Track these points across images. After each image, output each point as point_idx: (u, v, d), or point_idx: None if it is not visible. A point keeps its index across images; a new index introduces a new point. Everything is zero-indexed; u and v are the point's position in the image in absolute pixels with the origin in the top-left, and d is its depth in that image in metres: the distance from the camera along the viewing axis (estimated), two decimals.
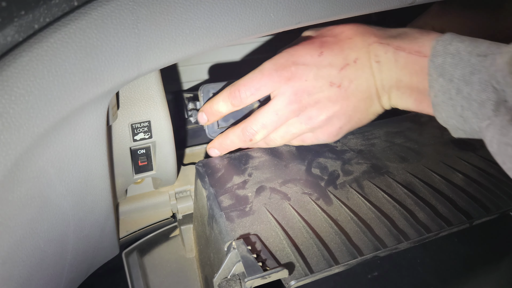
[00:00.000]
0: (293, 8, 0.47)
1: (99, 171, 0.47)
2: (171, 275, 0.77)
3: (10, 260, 0.38)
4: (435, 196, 0.62)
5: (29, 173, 0.38)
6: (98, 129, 0.43)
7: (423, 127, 0.78)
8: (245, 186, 0.63)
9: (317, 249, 0.53)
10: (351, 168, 0.67)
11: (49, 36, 0.34)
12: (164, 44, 0.40)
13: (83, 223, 0.50)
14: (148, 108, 0.57)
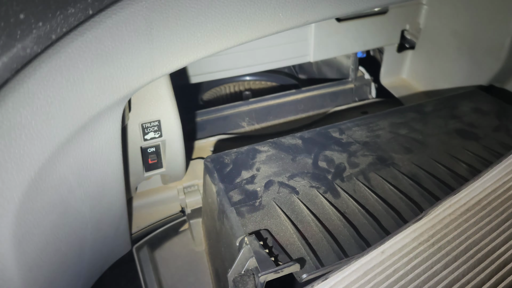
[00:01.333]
0: (301, 7, 0.47)
1: (115, 174, 0.48)
2: (181, 268, 0.79)
3: (35, 266, 0.39)
4: (440, 187, 0.63)
5: (51, 181, 0.39)
6: (114, 134, 0.45)
7: (427, 117, 0.79)
8: (253, 181, 0.64)
9: (327, 242, 0.55)
10: (357, 161, 0.68)
11: (66, 46, 0.35)
12: (176, 48, 0.41)
13: (99, 224, 0.51)
14: (158, 108, 0.58)
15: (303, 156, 0.70)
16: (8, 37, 0.32)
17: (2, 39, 0.32)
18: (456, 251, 0.48)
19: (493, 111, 0.80)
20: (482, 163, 0.67)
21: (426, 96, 1.08)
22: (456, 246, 0.49)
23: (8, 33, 0.32)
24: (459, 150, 0.70)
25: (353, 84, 1.11)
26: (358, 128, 0.76)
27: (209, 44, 0.43)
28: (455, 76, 0.98)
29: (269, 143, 0.73)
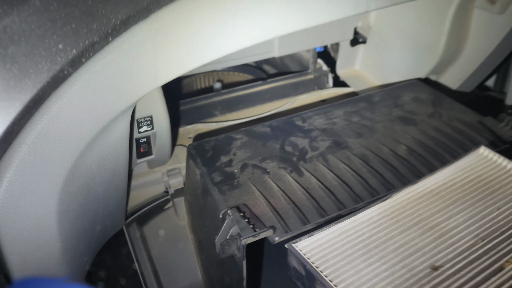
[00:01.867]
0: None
1: (123, 161, 0.59)
2: (167, 240, 0.90)
3: (69, 235, 0.50)
4: (384, 165, 0.76)
5: (81, 170, 0.50)
6: (124, 131, 0.55)
7: (375, 107, 0.92)
8: (231, 164, 0.76)
9: (293, 212, 0.67)
10: (317, 145, 0.81)
11: (92, 67, 0.45)
12: (175, 63, 0.52)
13: (108, 203, 0.62)
14: (150, 105, 0.69)
15: (272, 142, 0.82)
16: (51, 63, 0.42)
17: (47, 65, 0.42)
18: (410, 223, 0.64)
19: (429, 100, 0.95)
20: (418, 144, 0.81)
21: (376, 85, 1.22)
22: (410, 220, 0.64)
23: (51, 60, 0.42)
24: (400, 134, 0.84)
25: (313, 75, 1.24)
26: (317, 116, 0.89)
27: (200, 59, 0.54)
28: (399, 68, 1.13)
29: (242, 131, 0.85)
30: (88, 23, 0.44)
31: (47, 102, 0.44)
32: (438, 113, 0.90)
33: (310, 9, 0.60)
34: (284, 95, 1.20)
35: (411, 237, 0.62)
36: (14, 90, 0.42)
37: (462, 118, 0.88)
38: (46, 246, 0.50)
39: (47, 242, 0.50)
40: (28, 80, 0.42)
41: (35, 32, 0.42)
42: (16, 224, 0.47)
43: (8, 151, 0.44)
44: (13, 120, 0.42)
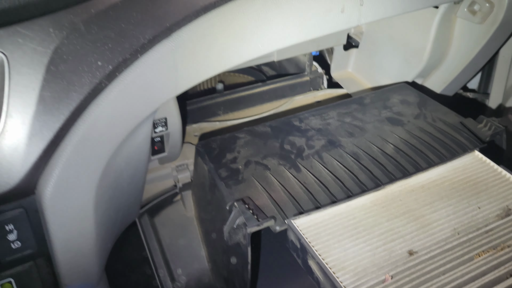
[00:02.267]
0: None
1: (144, 159, 0.68)
2: (176, 229, 0.98)
3: (101, 222, 0.59)
4: (372, 161, 0.85)
5: (112, 167, 0.58)
6: (147, 133, 0.64)
7: (366, 108, 1.01)
8: (236, 161, 0.85)
9: (292, 204, 0.76)
10: (313, 144, 0.90)
11: (124, 80, 0.54)
12: (192, 74, 0.61)
13: (129, 196, 0.71)
14: (165, 109, 0.77)
15: (272, 141, 0.90)
16: (92, 77, 0.51)
17: (89, 79, 0.51)
18: (397, 213, 0.74)
19: (415, 102, 1.03)
20: (404, 143, 0.90)
21: (367, 87, 1.31)
22: (398, 210, 0.74)
23: (92, 75, 0.51)
24: (388, 134, 0.93)
25: (309, 77, 1.32)
26: (313, 117, 0.98)
27: (212, 70, 0.63)
28: (389, 72, 1.21)
29: (245, 131, 0.93)
30: (121, 43, 0.52)
31: (87, 110, 0.52)
32: (423, 115, 0.98)
33: (308, 26, 0.69)
34: (282, 96, 1.29)
35: (396, 225, 0.71)
36: (63, 101, 0.50)
37: (445, 119, 0.96)
38: (84, 232, 0.59)
39: (85, 229, 0.59)
40: (73, 92, 0.50)
41: (79, 52, 0.50)
42: (62, 213, 0.56)
43: (57, 152, 0.53)
44: (61, 126, 0.50)
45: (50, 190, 0.53)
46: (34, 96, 0.51)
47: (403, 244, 0.67)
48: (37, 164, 0.53)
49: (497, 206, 0.75)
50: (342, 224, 0.71)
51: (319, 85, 1.36)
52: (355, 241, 0.68)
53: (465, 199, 0.76)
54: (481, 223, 0.72)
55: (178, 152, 0.89)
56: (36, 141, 0.52)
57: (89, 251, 0.62)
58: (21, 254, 0.59)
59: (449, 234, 0.70)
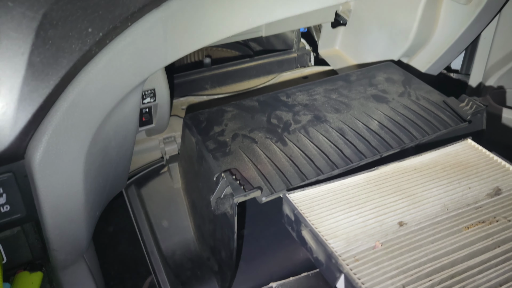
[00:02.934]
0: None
1: (133, 129, 0.69)
2: (162, 201, 1.00)
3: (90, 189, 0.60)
4: (357, 137, 0.87)
5: (101, 135, 0.59)
6: (136, 103, 0.64)
7: (352, 85, 1.02)
8: (223, 134, 0.86)
9: (278, 176, 0.77)
10: (299, 118, 0.91)
11: (114, 48, 0.54)
12: (182, 45, 0.61)
13: (117, 165, 0.71)
14: (153, 79, 0.77)
15: (260, 115, 0.91)
16: (82, 44, 0.51)
17: (79, 45, 0.51)
18: (390, 191, 0.76)
19: (400, 80, 1.05)
20: (388, 120, 0.92)
21: (353, 64, 1.32)
22: (390, 188, 0.77)
23: (82, 41, 0.51)
24: (373, 111, 0.95)
25: (296, 54, 1.33)
26: (300, 93, 0.99)
27: (201, 41, 0.63)
28: (375, 50, 1.23)
29: (233, 104, 0.94)
30: (112, 10, 0.53)
31: (77, 77, 0.53)
32: (408, 93, 1.00)
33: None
34: (269, 72, 1.29)
35: (388, 201, 0.74)
36: (52, 67, 0.50)
37: (428, 97, 0.99)
38: (73, 198, 0.60)
39: (74, 194, 0.60)
40: (63, 58, 0.50)
41: (69, 18, 0.50)
42: (52, 178, 0.56)
43: (47, 117, 0.53)
44: (51, 92, 0.51)
45: (39, 156, 0.54)
46: (23, 61, 0.51)
47: (393, 217, 0.70)
48: (26, 129, 0.53)
49: (487, 187, 0.77)
50: (335, 199, 0.73)
51: (306, 62, 1.36)
52: (348, 213, 0.70)
53: (456, 180, 0.79)
54: (471, 201, 0.75)
55: (166, 124, 0.90)
56: (25, 106, 0.52)
57: (78, 217, 0.63)
58: (9, 218, 0.59)
59: (439, 209, 0.73)
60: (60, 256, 0.67)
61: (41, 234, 0.62)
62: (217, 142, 0.83)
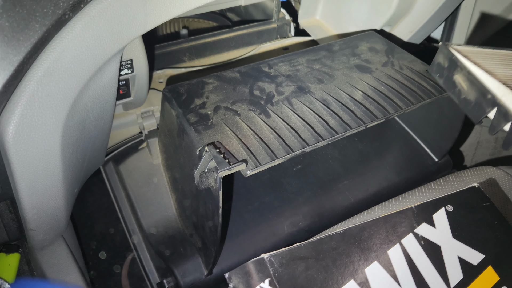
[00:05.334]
0: None
1: (111, 101, 0.65)
2: (142, 177, 0.97)
3: (68, 165, 0.56)
4: (342, 108, 0.85)
5: (79, 107, 0.55)
6: (115, 72, 0.60)
7: (335, 55, 1.00)
8: (205, 106, 0.83)
9: (263, 149, 0.75)
10: (282, 90, 0.89)
11: (90, 12, 0.50)
12: (161, 10, 0.57)
13: (96, 139, 0.68)
14: (131, 50, 0.73)
15: (242, 86, 0.89)
16: (55, 7, 0.47)
17: (51, 9, 0.47)
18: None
19: (383, 49, 1.03)
20: (372, 90, 0.90)
21: (335, 35, 1.30)
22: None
23: (55, 5, 0.47)
24: (357, 81, 0.93)
25: (276, 24, 1.30)
26: (282, 64, 0.96)
27: (182, 6, 0.59)
28: (357, 20, 1.20)
29: (214, 76, 0.90)
30: None
31: (51, 43, 0.49)
32: (391, 62, 0.99)
33: None
34: (249, 43, 1.26)
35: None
36: (23, 32, 0.46)
37: (412, 67, 0.97)
38: (50, 174, 0.56)
39: (51, 170, 0.56)
40: (35, 23, 0.46)
41: None
42: (27, 153, 0.52)
43: (19, 87, 0.49)
44: (23, 59, 0.46)
45: (12, 129, 0.50)
46: None
47: None
48: None
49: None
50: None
51: (287, 33, 1.33)
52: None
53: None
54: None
55: (144, 97, 0.86)
56: None
57: (56, 194, 0.59)
58: None
59: None
60: (38, 236, 0.64)
61: (17, 213, 0.59)
62: (198, 115, 0.80)
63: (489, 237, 0.68)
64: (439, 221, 0.69)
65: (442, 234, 0.67)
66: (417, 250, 0.65)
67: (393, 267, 0.63)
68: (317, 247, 0.64)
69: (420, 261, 0.64)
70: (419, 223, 0.68)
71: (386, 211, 0.72)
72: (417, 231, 0.67)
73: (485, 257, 0.66)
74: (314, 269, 0.62)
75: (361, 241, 0.65)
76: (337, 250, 0.64)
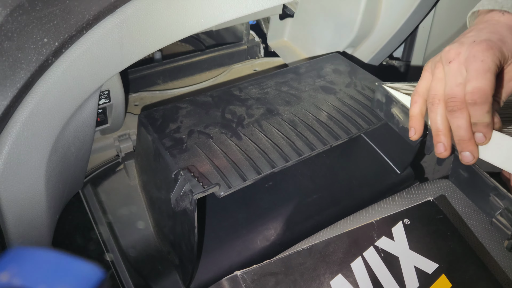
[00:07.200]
0: None
1: (91, 132, 0.69)
2: (120, 198, 1.01)
3: (52, 195, 0.60)
4: (308, 128, 0.91)
5: (61, 142, 0.59)
6: (94, 107, 0.65)
7: (301, 77, 1.06)
8: (179, 131, 0.87)
9: (235, 170, 0.80)
10: (252, 112, 0.94)
11: (70, 56, 0.55)
12: (138, 49, 0.62)
13: (75, 168, 0.72)
14: (108, 81, 0.77)
15: (214, 110, 0.93)
16: (38, 54, 0.51)
17: (35, 56, 0.51)
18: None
19: (346, 71, 1.10)
20: (336, 110, 0.96)
21: (302, 55, 1.37)
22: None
23: (38, 52, 0.51)
24: (322, 102, 0.99)
25: (246, 46, 1.36)
26: (252, 87, 1.02)
27: (156, 44, 0.64)
28: (322, 42, 1.27)
29: (187, 101, 0.95)
30: (67, 19, 0.53)
31: (35, 87, 0.53)
32: (354, 83, 1.05)
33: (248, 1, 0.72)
34: (221, 64, 1.31)
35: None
36: (10, 78, 0.50)
37: (372, 87, 1.04)
38: (36, 206, 0.60)
39: (36, 202, 0.60)
40: (20, 70, 0.50)
41: (25, 29, 0.50)
42: (14, 188, 0.56)
43: (6, 129, 0.53)
44: (9, 103, 0.51)
45: (0, 167, 0.54)
46: None
47: None
48: None
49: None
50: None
51: (256, 54, 1.39)
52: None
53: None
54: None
55: (121, 123, 0.90)
56: None
57: (41, 224, 0.63)
58: None
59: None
60: None
61: (3, 240, 0.62)
62: (173, 139, 0.85)
63: (443, 248, 0.75)
64: (397, 234, 0.75)
65: (400, 246, 0.73)
66: (377, 262, 0.71)
67: (355, 278, 0.69)
68: (286, 263, 0.69)
69: (380, 272, 0.70)
70: (379, 237, 0.74)
71: (350, 226, 0.77)
72: (378, 244, 0.73)
73: (438, 266, 0.72)
74: (283, 284, 0.67)
75: (326, 256, 0.71)
76: (304, 265, 0.69)
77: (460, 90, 0.57)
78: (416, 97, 0.67)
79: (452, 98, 0.58)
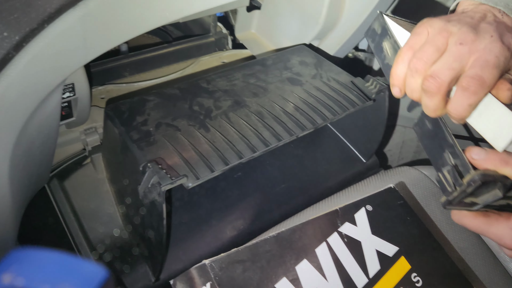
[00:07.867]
0: None
1: (55, 126, 0.68)
2: (87, 192, 1.00)
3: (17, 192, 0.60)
4: (275, 119, 0.93)
5: (25, 136, 0.59)
6: (58, 101, 0.64)
7: (268, 69, 1.08)
8: (147, 123, 0.87)
9: (203, 162, 0.81)
10: (220, 104, 0.95)
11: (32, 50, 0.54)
12: (102, 42, 0.62)
13: (41, 162, 0.71)
14: (72, 74, 0.77)
15: (182, 102, 0.94)
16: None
17: None
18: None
19: (312, 63, 1.12)
20: (302, 101, 0.98)
21: (269, 47, 1.38)
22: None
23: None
24: (289, 93, 1.01)
25: (214, 38, 1.36)
26: (220, 79, 1.02)
27: (120, 38, 0.64)
28: (288, 34, 1.29)
29: (154, 93, 0.95)
30: (28, 13, 0.52)
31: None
32: (319, 75, 1.08)
33: None
34: (188, 56, 1.31)
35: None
36: None
37: (338, 78, 1.07)
38: (0, 201, 0.60)
39: (0, 198, 0.59)
40: None
41: None
42: None
43: None
44: None
45: None
46: None
47: None
48: None
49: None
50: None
51: (224, 46, 1.40)
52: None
53: None
54: None
55: (87, 116, 0.90)
56: None
57: (6, 220, 0.63)
58: None
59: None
60: None
61: None
62: (141, 132, 0.85)
63: (403, 232, 0.78)
64: (360, 219, 0.78)
65: (363, 231, 0.76)
66: (341, 247, 0.74)
67: (320, 263, 0.72)
68: (253, 251, 0.71)
69: (344, 256, 0.73)
70: (342, 223, 0.77)
71: (316, 213, 0.80)
72: (341, 229, 0.76)
73: (399, 249, 0.76)
74: (251, 271, 0.69)
75: (292, 242, 0.73)
76: (271, 252, 0.71)
77: (449, 74, 0.52)
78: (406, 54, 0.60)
79: (435, 78, 0.53)
